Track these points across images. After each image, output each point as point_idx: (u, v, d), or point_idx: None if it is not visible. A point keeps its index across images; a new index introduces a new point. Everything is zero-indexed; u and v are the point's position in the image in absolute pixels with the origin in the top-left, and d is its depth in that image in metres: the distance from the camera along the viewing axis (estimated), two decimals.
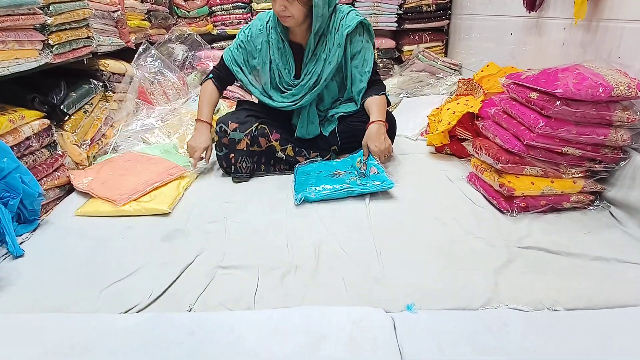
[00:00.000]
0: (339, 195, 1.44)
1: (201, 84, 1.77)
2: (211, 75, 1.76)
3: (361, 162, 1.57)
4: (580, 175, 1.33)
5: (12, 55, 1.34)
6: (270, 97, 1.71)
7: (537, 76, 1.34)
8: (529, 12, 1.88)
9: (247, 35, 1.68)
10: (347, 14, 1.61)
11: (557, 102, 1.22)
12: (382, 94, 1.67)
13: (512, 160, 1.34)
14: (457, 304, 0.95)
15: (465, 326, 0.87)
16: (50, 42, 1.54)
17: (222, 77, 1.75)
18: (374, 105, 1.62)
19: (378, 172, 1.50)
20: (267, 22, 1.65)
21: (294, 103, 1.68)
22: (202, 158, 1.68)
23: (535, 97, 1.30)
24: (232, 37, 3.11)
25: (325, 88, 1.69)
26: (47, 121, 1.51)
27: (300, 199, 1.43)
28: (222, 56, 1.76)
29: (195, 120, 1.72)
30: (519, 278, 1.03)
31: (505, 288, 0.99)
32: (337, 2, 1.62)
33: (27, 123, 1.42)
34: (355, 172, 1.56)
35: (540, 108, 1.28)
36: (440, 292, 0.99)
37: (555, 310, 0.93)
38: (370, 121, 1.59)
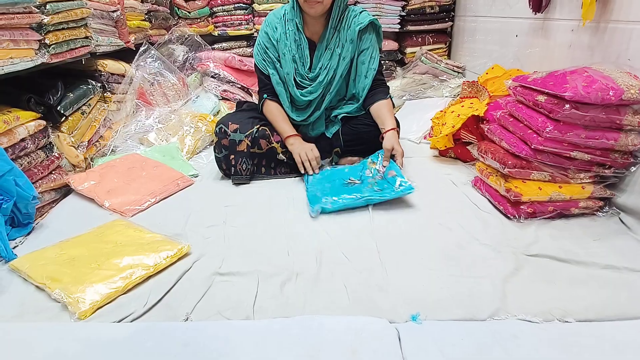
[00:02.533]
0: (358, 204, 1.39)
1: (261, 111, 1.70)
2: (265, 96, 1.68)
3: (373, 162, 1.54)
4: (589, 180, 1.29)
5: (6, 54, 1.31)
6: (293, 91, 1.66)
7: (544, 79, 1.31)
8: (535, 14, 1.85)
9: (266, 33, 1.64)
10: (360, 12, 1.64)
11: (566, 106, 1.19)
12: (388, 97, 1.66)
13: (519, 164, 1.30)
14: (464, 314, 0.91)
15: (473, 338, 0.83)
16: (47, 41, 1.51)
17: (273, 89, 1.68)
18: (385, 110, 1.61)
19: (396, 175, 1.45)
20: (284, 15, 1.64)
21: (316, 107, 1.68)
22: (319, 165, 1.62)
23: (543, 100, 1.26)
24: (233, 38, 3.11)
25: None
26: (43, 122, 1.48)
27: (317, 211, 1.36)
28: (258, 72, 1.70)
29: (286, 138, 1.62)
30: (527, 287, 1.00)
31: (514, 297, 0.96)
32: None
33: (23, 124, 1.39)
34: (370, 178, 1.51)
35: (548, 111, 1.25)
36: (446, 301, 0.96)
37: (566, 321, 0.89)
38: (386, 129, 1.57)
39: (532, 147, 1.26)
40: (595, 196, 1.30)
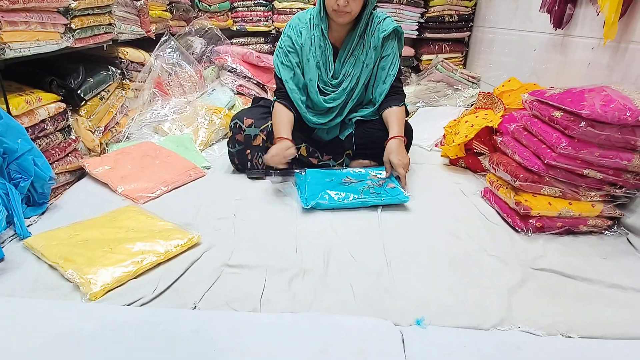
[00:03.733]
0: (352, 204, 1.41)
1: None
2: (275, 98, 1.65)
3: (376, 174, 1.56)
4: (599, 199, 1.29)
5: (33, 36, 1.34)
6: (312, 102, 1.66)
7: (562, 95, 1.31)
8: (555, 29, 1.86)
9: (290, 37, 1.63)
10: (384, 19, 1.63)
11: (582, 123, 1.19)
12: (402, 105, 1.67)
13: (531, 178, 1.31)
14: (469, 322, 0.92)
15: (476, 346, 0.84)
16: (73, 26, 1.54)
17: (286, 93, 1.64)
18: (394, 118, 1.61)
19: (395, 187, 1.48)
20: (309, 20, 1.63)
21: (337, 113, 1.67)
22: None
23: (559, 116, 1.27)
24: (252, 34, 3.13)
25: None
26: (63, 105, 1.51)
27: (310, 205, 1.38)
28: (275, 75, 1.69)
29: (275, 139, 1.55)
30: (532, 300, 1.00)
31: (519, 309, 0.96)
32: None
33: (44, 105, 1.42)
34: (369, 182, 1.53)
35: (563, 127, 1.25)
36: (451, 308, 0.97)
37: (569, 336, 0.90)
38: (389, 137, 1.57)
39: (545, 162, 1.27)
40: (604, 215, 1.30)
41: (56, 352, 0.79)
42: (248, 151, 1.62)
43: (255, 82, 2.62)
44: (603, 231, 1.31)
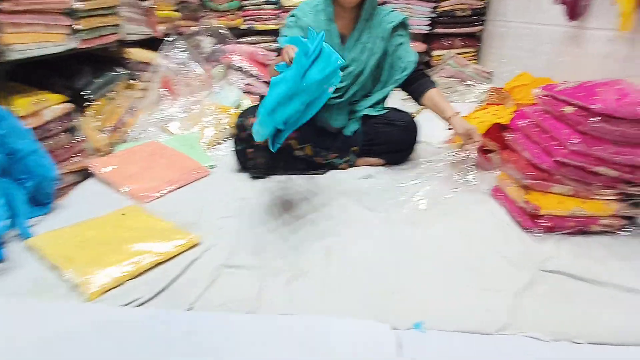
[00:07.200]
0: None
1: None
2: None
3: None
4: (613, 197, 1.24)
5: (37, 38, 1.35)
6: None
7: (574, 89, 1.26)
8: (570, 21, 1.79)
9: (296, 17, 1.64)
10: (391, 11, 1.66)
11: (595, 118, 1.14)
12: (436, 86, 1.66)
13: (541, 176, 1.26)
14: (471, 327, 0.89)
15: (477, 352, 0.81)
16: (81, 27, 1.55)
17: None
18: (439, 99, 1.62)
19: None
20: (316, 6, 1.63)
21: (339, 95, 1.65)
22: None
23: (571, 112, 1.22)
24: (261, 32, 3.13)
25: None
26: (69, 105, 1.52)
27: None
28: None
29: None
30: (540, 304, 0.96)
31: (525, 313, 0.93)
32: None
33: (50, 106, 1.43)
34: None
35: (575, 123, 1.20)
36: (453, 311, 0.93)
37: (576, 342, 0.86)
38: (448, 115, 1.57)
39: (554, 159, 1.22)
40: (619, 214, 1.24)
41: (51, 352, 0.80)
42: (250, 150, 1.60)
43: (263, 80, 2.61)
44: (617, 231, 1.26)
